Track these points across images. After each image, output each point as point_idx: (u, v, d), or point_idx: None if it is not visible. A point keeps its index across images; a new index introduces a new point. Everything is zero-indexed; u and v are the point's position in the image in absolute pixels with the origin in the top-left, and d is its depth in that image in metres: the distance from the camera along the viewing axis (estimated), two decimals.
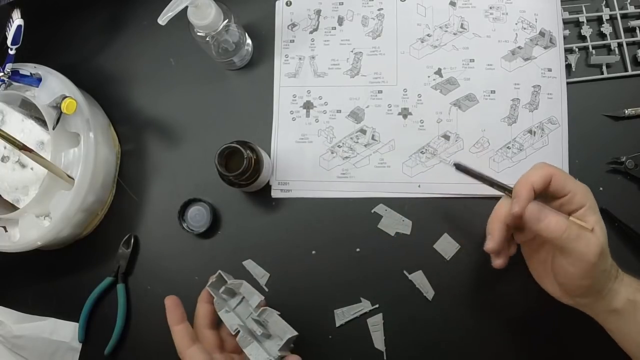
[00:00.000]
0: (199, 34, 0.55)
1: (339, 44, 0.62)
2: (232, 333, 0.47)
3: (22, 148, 0.52)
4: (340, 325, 0.57)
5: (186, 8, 0.51)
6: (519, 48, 0.59)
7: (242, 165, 0.51)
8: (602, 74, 0.59)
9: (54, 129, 0.55)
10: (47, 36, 0.67)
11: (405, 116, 0.60)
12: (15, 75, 0.57)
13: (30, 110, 0.59)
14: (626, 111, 0.57)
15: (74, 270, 0.62)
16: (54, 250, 0.62)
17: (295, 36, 0.63)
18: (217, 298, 0.49)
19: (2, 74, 0.57)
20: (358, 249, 0.59)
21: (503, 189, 0.47)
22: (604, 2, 0.60)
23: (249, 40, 0.62)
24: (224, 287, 0.50)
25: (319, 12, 0.63)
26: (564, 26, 0.60)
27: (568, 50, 0.59)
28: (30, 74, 0.57)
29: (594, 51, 0.59)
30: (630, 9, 0.59)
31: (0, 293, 0.63)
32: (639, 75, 0.58)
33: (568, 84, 0.59)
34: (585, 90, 0.59)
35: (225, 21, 0.54)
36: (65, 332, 0.60)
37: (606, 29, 0.59)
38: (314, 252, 0.59)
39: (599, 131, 0.58)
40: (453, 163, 0.49)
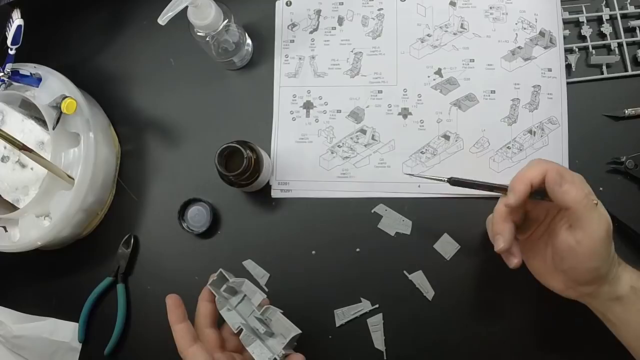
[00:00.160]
0: (199, 34, 0.55)
1: (339, 44, 0.62)
2: (235, 331, 0.47)
3: (22, 148, 0.52)
4: (340, 325, 0.57)
5: (186, 8, 0.51)
6: (519, 48, 0.59)
7: (242, 165, 0.51)
8: (602, 74, 0.59)
9: (54, 129, 0.55)
10: (47, 36, 0.67)
11: (405, 116, 0.60)
12: (15, 75, 0.57)
13: (30, 110, 0.59)
14: (626, 111, 0.57)
15: (74, 270, 0.62)
16: (54, 250, 0.62)
17: (295, 36, 0.63)
18: (219, 296, 0.49)
19: (2, 74, 0.57)
20: (358, 249, 0.59)
21: (500, 190, 0.47)
22: (604, 2, 0.60)
23: (249, 40, 0.62)
24: (226, 286, 0.50)
25: (319, 12, 0.63)
26: (564, 26, 0.60)
27: (568, 50, 0.59)
28: (30, 74, 0.57)
29: (594, 51, 0.59)
30: (630, 9, 0.59)
31: (0, 293, 0.63)
32: (639, 75, 0.59)
33: (568, 84, 0.59)
34: (585, 90, 0.59)
35: (225, 21, 0.54)
36: (65, 332, 0.60)
37: (606, 29, 0.59)
38: (314, 252, 0.59)
39: (599, 131, 0.58)
40: (447, 179, 0.49)
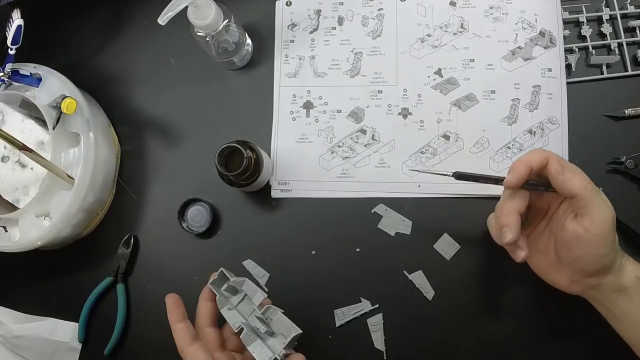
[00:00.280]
0: (199, 34, 0.55)
1: (339, 44, 0.62)
2: (235, 331, 0.47)
3: (22, 148, 0.52)
4: (340, 325, 0.57)
5: (186, 8, 0.51)
6: (519, 48, 0.59)
7: (242, 165, 0.51)
8: (602, 74, 0.59)
9: (54, 129, 0.55)
10: (47, 36, 0.67)
11: (405, 116, 0.60)
12: (15, 75, 0.57)
13: (30, 110, 0.59)
14: (626, 111, 0.57)
15: (74, 270, 0.62)
16: (54, 250, 0.62)
17: (295, 36, 0.63)
18: (219, 296, 0.49)
19: (2, 74, 0.57)
20: (358, 249, 0.59)
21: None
22: (604, 2, 0.60)
23: (249, 40, 0.62)
24: (227, 285, 0.50)
25: (319, 12, 0.63)
26: (564, 26, 0.60)
27: (568, 50, 0.59)
28: (30, 74, 0.57)
29: (594, 51, 0.59)
30: (630, 9, 0.59)
31: (0, 293, 0.63)
32: (639, 75, 0.58)
33: (568, 84, 0.59)
34: (585, 90, 0.59)
35: (225, 21, 0.54)
36: (65, 332, 0.60)
37: (606, 29, 0.59)
38: (314, 252, 0.59)
39: (599, 131, 0.58)
40: (452, 174, 0.48)
